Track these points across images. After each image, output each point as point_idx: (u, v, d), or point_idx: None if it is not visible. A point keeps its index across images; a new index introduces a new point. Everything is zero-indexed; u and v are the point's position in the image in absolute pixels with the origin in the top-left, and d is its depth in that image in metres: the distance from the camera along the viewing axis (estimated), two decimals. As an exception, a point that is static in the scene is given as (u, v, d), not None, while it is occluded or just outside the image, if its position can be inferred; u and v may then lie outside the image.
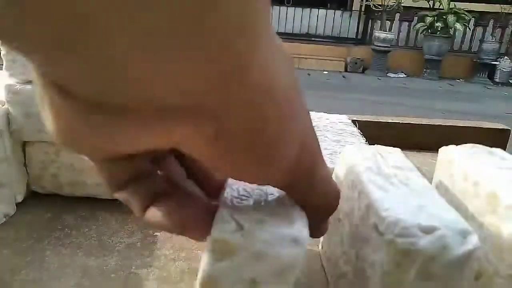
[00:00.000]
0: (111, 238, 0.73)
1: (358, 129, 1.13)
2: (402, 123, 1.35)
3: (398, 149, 0.66)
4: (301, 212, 0.50)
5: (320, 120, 1.18)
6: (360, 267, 0.49)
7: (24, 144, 0.80)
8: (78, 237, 0.72)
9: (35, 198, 0.83)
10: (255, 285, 0.44)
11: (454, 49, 5.49)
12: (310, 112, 0.55)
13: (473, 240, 0.44)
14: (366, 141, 1.04)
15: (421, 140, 1.30)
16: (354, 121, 1.21)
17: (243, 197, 0.48)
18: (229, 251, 0.43)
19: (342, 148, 0.71)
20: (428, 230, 0.44)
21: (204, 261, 0.45)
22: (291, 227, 0.45)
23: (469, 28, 5.27)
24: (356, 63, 5.17)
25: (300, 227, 0.46)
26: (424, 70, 5.04)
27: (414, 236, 0.44)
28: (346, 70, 5.19)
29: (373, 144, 0.67)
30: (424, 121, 1.38)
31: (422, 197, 0.49)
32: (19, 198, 0.79)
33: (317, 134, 1.04)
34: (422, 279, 0.45)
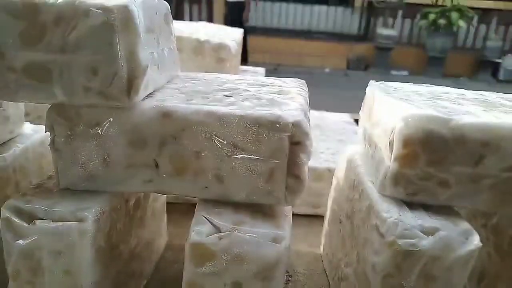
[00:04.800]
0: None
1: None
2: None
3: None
4: (283, 211, 0.50)
5: (323, 119, 1.17)
6: (361, 270, 0.49)
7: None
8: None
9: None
10: (238, 287, 0.44)
11: (458, 46, 5.46)
12: (312, 111, 0.55)
13: (475, 241, 0.44)
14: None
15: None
16: (357, 120, 1.20)
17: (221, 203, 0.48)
18: (208, 256, 0.43)
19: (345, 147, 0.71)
20: (429, 231, 0.44)
21: (185, 268, 0.45)
22: (271, 226, 0.45)
23: (473, 26, 5.24)
24: (358, 61, 5.13)
25: (280, 226, 0.45)
26: (427, 67, 5.01)
27: (415, 237, 0.43)
28: (348, 68, 5.16)
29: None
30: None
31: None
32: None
33: (319, 133, 1.03)
34: (424, 281, 0.45)
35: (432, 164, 0.44)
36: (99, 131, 0.44)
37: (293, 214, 0.50)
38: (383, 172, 0.46)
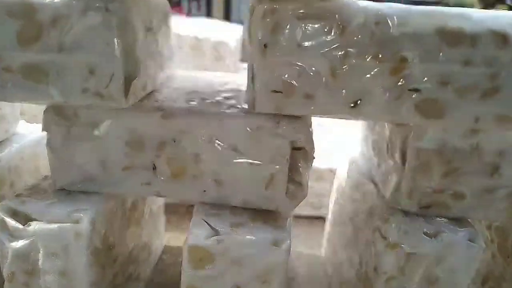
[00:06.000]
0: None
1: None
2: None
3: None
4: (283, 215, 0.49)
5: (325, 118, 1.17)
6: (364, 272, 0.49)
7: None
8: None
9: None
10: None
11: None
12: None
13: (479, 242, 0.43)
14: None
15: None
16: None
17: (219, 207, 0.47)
18: (207, 259, 0.42)
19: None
20: (432, 233, 0.43)
21: (183, 271, 0.45)
22: (271, 229, 0.44)
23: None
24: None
25: (281, 228, 0.45)
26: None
27: (418, 239, 0.43)
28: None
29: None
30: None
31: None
32: None
33: (321, 133, 1.03)
34: (427, 283, 0.44)
35: (447, 176, 0.43)
36: (96, 132, 0.43)
37: (294, 216, 0.49)
38: (394, 185, 0.45)
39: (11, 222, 0.43)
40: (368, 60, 0.39)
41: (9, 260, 0.44)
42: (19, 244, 0.43)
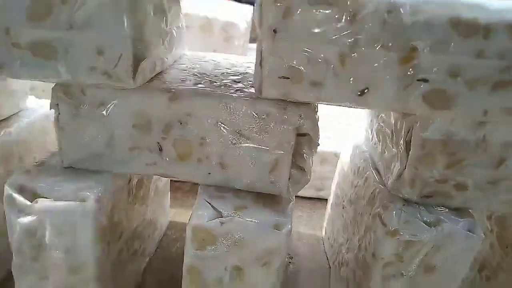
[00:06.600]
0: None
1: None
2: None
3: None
4: (285, 198, 0.50)
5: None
6: (362, 256, 0.49)
7: None
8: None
9: None
10: (239, 271, 0.45)
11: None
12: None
13: (478, 233, 0.43)
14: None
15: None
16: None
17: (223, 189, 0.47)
18: (209, 240, 0.43)
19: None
20: (432, 222, 0.44)
21: (186, 251, 0.45)
22: (273, 212, 0.45)
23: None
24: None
25: (282, 212, 0.45)
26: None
27: (418, 227, 0.43)
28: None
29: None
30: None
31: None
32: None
33: (327, 116, 1.02)
34: (424, 271, 0.45)
35: (451, 167, 0.43)
36: (104, 112, 0.44)
37: (297, 197, 0.49)
38: (396, 173, 0.45)
39: (19, 198, 0.44)
40: (377, 48, 0.38)
41: (17, 235, 0.45)
42: (26, 220, 0.44)
